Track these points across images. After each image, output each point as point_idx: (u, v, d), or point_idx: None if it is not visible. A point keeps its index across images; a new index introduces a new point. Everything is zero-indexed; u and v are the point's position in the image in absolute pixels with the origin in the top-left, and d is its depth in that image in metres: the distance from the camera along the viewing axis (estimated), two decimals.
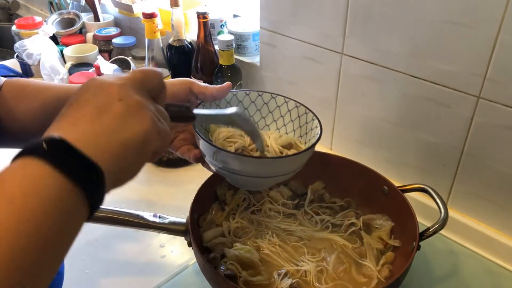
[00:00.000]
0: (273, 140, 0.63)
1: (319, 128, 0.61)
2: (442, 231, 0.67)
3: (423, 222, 0.81)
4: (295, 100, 0.65)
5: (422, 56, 0.76)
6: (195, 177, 0.87)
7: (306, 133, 0.64)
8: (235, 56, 1.05)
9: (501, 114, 0.70)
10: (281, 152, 0.61)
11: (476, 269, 0.77)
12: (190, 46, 1.15)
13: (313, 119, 0.63)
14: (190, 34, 1.19)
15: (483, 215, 0.80)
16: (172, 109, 0.46)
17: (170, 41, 1.16)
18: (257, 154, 0.60)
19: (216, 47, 1.05)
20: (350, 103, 0.92)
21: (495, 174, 0.75)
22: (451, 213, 0.81)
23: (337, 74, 0.91)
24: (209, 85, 0.61)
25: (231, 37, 1.00)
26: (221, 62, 1.02)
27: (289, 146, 0.62)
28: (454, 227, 0.82)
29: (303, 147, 0.63)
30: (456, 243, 0.82)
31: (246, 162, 0.54)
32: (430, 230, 0.65)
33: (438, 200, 0.67)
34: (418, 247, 0.64)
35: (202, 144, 0.56)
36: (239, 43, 1.09)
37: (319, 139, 0.59)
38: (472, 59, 0.70)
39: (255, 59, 1.09)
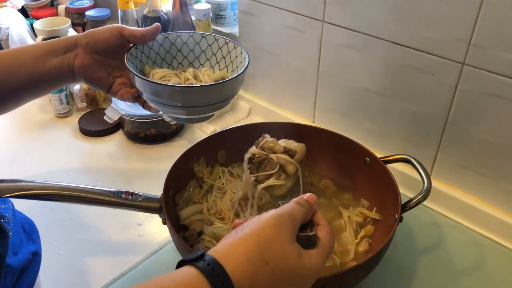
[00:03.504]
0: (206, 76, 0.67)
1: (247, 58, 0.65)
2: (425, 202, 0.65)
3: (407, 193, 0.80)
4: (224, 37, 0.70)
5: (406, 22, 0.73)
6: (173, 153, 0.85)
7: (237, 67, 0.68)
8: (213, 27, 1.01)
9: (486, 80, 0.68)
10: None
11: (459, 240, 0.76)
12: (165, 17, 1.10)
13: (241, 52, 0.67)
14: (166, 5, 1.14)
15: (467, 185, 0.79)
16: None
17: (145, 12, 1.10)
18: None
19: (193, 17, 1.01)
20: (333, 74, 0.89)
21: (479, 143, 0.73)
22: (435, 183, 0.80)
23: (318, 43, 0.88)
24: (139, 28, 0.66)
25: (208, 6, 0.96)
26: None
27: (222, 80, 0.65)
28: (437, 198, 0.81)
29: None
30: (439, 214, 0.81)
31: (178, 92, 0.59)
32: (413, 201, 0.63)
33: (421, 171, 0.65)
34: (401, 219, 0.63)
35: (138, 81, 0.61)
36: (217, 12, 1.04)
37: (246, 67, 0.64)
38: (457, 24, 0.67)
39: (234, 29, 1.05)
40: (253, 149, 0.65)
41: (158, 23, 0.66)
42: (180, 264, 0.40)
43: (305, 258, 0.42)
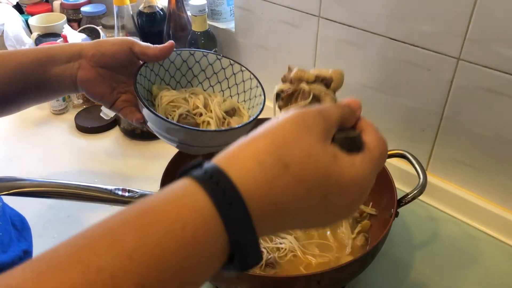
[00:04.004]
0: (216, 104, 0.62)
1: (262, 97, 0.59)
2: (421, 197, 0.65)
3: (403, 188, 0.80)
4: (240, 64, 0.64)
5: (402, 17, 0.73)
6: (170, 149, 0.85)
7: (250, 99, 0.63)
8: (209, 22, 1.00)
9: (481, 75, 0.68)
10: (224, 118, 0.61)
11: (455, 234, 0.77)
12: (161, 13, 1.10)
13: (257, 86, 0.62)
14: (162, 0, 1.13)
15: (462, 180, 0.79)
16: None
17: (141, 7, 1.10)
18: (201, 119, 0.60)
19: (189, 12, 1.01)
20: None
21: (475, 138, 0.74)
22: (431, 178, 0.80)
23: (314, 39, 0.88)
24: (151, 45, 0.59)
25: (204, 1, 0.95)
26: (193, 28, 0.98)
27: (232, 111, 0.61)
28: (433, 193, 0.81)
29: (246, 113, 0.62)
30: (435, 209, 0.82)
31: (188, 133, 0.54)
32: (409, 196, 0.63)
33: (416, 166, 0.66)
34: (397, 214, 0.63)
35: (144, 112, 0.56)
36: (213, 8, 1.04)
37: (262, 110, 0.58)
38: (452, 19, 0.68)
39: (230, 25, 1.04)
40: (280, 85, 0.54)
41: (172, 41, 0.61)
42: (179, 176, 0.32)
43: (345, 162, 0.32)
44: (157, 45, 0.59)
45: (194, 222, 0.28)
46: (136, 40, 0.60)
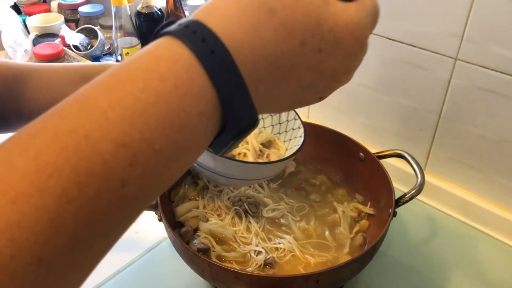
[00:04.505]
0: (253, 136, 0.59)
1: (302, 129, 0.57)
2: (419, 197, 0.66)
3: (401, 188, 0.81)
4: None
5: (400, 17, 0.73)
6: None
7: (286, 131, 0.60)
8: None
9: (478, 75, 0.68)
10: (261, 151, 0.59)
11: (453, 233, 0.77)
12: (159, 13, 1.10)
13: (299, 127, 0.59)
14: (159, 1, 1.13)
15: (460, 179, 0.80)
16: None
17: (139, 8, 1.10)
18: (237, 151, 0.57)
19: (187, 13, 1.01)
20: None
21: (473, 137, 0.74)
22: (429, 178, 0.80)
23: None
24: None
25: (202, 1, 0.95)
26: None
27: (268, 143, 0.59)
28: (431, 192, 0.81)
29: (283, 145, 0.60)
30: (433, 208, 0.82)
31: (225, 164, 0.50)
32: (407, 195, 0.63)
33: (414, 166, 0.66)
34: (395, 214, 0.63)
35: None
36: None
37: (303, 144, 0.55)
38: (450, 19, 0.68)
39: None
40: None
41: None
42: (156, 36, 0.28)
43: (338, 8, 0.28)
44: None
45: (174, 73, 0.25)
46: None
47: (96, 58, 1.13)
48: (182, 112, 0.24)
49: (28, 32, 1.24)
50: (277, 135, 0.63)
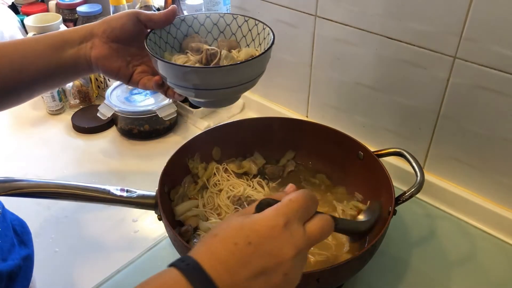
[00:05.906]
0: (234, 55, 0.63)
1: (271, 34, 0.61)
2: (418, 195, 0.66)
3: (400, 186, 0.81)
4: (243, 15, 0.65)
5: (398, 16, 0.73)
6: (167, 149, 0.85)
7: (260, 44, 0.64)
8: None
9: (477, 74, 0.69)
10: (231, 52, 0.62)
11: (452, 231, 0.77)
12: None
13: (264, 28, 0.63)
14: (158, 0, 1.13)
15: (459, 178, 0.80)
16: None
17: (137, 7, 1.10)
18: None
19: (185, 12, 1.01)
20: (325, 68, 0.89)
21: (471, 136, 0.74)
22: (428, 176, 0.80)
23: (311, 38, 0.88)
24: (156, 12, 0.63)
25: (201, 1, 0.95)
26: None
27: (250, 57, 0.61)
28: (430, 191, 0.81)
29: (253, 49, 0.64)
30: (432, 207, 0.82)
31: (207, 73, 0.55)
32: (406, 194, 0.63)
33: (414, 164, 0.66)
34: (394, 212, 0.63)
35: (161, 67, 0.56)
36: (209, 7, 1.04)
37: (273, 42, 0.60)
38: (448, 18, 0.68)
39: None
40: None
41: (174, 5, 0.62)
42: None
43: (257, 215, 0.40)
44: (161, 11, 0.62)
45: None
46: (141, 10, 0.62)
47: None
48: None
49: (26, 32, 1.24)
50: (256, 49, 0.65)
